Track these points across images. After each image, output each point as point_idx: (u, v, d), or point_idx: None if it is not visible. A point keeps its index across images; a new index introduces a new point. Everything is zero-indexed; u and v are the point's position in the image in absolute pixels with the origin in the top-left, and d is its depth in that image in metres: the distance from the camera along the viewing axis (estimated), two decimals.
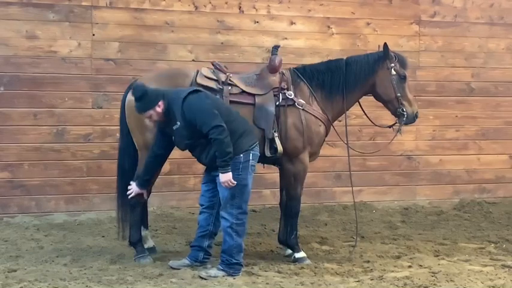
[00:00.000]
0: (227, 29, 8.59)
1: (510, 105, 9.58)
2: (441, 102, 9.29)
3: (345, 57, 6.69)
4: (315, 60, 7.70)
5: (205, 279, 5.65)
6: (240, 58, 8.56)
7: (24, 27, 7.96)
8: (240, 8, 8.63)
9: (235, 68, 7.28)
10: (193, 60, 8.38)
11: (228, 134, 5.60)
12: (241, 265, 5.88)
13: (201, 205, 6.06)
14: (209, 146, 5.69)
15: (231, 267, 5.79)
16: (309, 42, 8.85)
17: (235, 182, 5.65)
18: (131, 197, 6.15)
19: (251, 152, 5.78)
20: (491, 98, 9.50)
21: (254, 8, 8.68)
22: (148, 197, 6.31)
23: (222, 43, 8.57)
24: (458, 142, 9.42)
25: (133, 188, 6.09)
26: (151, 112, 5.72)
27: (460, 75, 9.40)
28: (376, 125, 6.83)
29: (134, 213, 6.30)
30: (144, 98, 5.70)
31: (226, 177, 5.63)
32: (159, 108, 5.71)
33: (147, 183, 6.13)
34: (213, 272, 5.77)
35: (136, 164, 6.34)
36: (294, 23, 8.82)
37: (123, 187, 6.39)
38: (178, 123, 5.69)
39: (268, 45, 8.47)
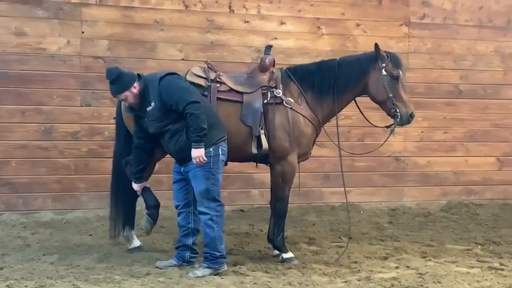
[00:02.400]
0: (217, 28, 8.57)
1: (498, 107, 9.61)
2: (429, 104, 9.30)
3: (338, 58, 6.64)
4: (305, 60, 7.69)
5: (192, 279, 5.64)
6: (230, 58, 8.55)
7: (12, 24, 7.91)
8: (230, 7, 8.61)
9: (225, 67, 7.25)
10: (182, 59, 8.36)
11: (204, 111, 5.62)
12: (225, 257, 5.88)
13: (177, 206, 6.03)
14: (178, 134, 5.70)
15: (216, 261, 5.79)
16: (299, 42, 8.85)
17: (206, 159, 5.63)
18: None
19: (219, 146, 5.78)
20: (479, 100, 9.52)
21: (244, 7, 8.67)
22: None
23: (211, 42, 8.55)
24: (446, 144, 9.44)
25: (134, 188, 6.11)
26: (126, 93, 5.72)
27: (448, 77, 9.42)
28: (374, 126, 6.74)
29: None
30: (119, 80, 5.71)
31: (198, 153, 5.61)
32: (135, 89, 5.72)
33: (141, 173, 6.06)
34: (200, 272, 5.76)
35: None
36: (284, 23, 8.82)
37: (117, 189, 6.40)
38: (153, 103, 5.69)
39: (258, 45, 8.49)
